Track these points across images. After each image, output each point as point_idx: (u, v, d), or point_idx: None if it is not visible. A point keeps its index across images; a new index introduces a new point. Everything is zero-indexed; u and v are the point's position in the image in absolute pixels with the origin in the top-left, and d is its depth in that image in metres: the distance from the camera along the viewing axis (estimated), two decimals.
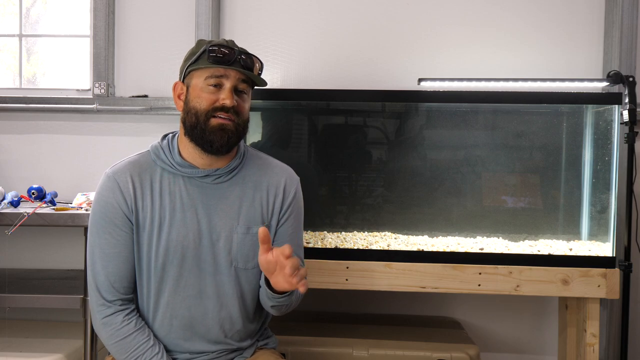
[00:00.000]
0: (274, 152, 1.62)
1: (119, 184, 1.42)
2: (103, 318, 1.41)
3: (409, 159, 2.29)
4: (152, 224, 1.42)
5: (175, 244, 1.42)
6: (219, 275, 1.46)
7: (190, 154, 1.45)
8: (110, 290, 1.42)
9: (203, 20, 2.44)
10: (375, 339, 2.13)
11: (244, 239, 1.46)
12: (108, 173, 1.45)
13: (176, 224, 1.42)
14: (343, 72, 2.47)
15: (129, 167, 1.45)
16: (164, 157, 1.46)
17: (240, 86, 1.43)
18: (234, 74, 1.41)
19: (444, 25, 2.46)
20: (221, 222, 1.45)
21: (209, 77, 1.41)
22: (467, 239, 2.17)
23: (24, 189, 2.27)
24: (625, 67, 2.30)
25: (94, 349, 2.07)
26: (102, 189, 1.44)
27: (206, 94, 1.41)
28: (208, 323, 1.46)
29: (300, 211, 1.57)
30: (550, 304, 2.47)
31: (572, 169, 2.19)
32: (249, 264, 1.48)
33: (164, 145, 1.48)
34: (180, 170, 1.45)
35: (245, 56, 1.43)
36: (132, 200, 1.42)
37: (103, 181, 1.45)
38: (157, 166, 1.46)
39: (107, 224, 1.42)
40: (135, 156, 1.49)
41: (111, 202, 1.41)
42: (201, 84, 1.41)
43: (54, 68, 2.67)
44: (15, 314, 2.48)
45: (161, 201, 1.43)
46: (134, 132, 2.53)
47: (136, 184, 1.43)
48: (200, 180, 1.45)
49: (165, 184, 1.44)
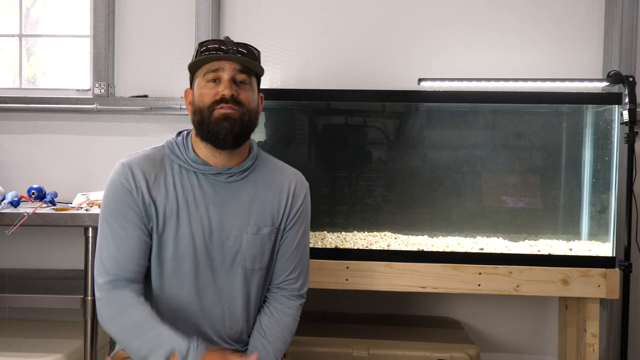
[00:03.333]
0: (273, 152, 1.62)
1: (133, 172, 1.42)
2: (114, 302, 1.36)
3: (409, 159, 2.29)
4: (164, 216, 1.42)
5: (186, 239, 1.42)
6: (226, 274, 1.46)
7: (203, 153, 1.46)
8: (116, 267, 1.37)
9: (203, 20, 2.44)
10: (375, 339, 2.13)
11: (253, 239, 1.46)
12: (123, 162, 1.45)
13: (188, 219, 1.42)
14: (343, 72, 2.47)
15: (144, 160, 1.45)
16: (179, 153, 1.46)
17: (239, 77, 1.43)
18: (228, 65, 1.41)
19: (444, 25, 2.46)
20: (232, 220, 1.45)
21: (206, 73, 1.42)
22: (467, 239, 2.17)
23: (24, 189, 2.27)
24: (625, 67, 2.30)
25: (94, 349, 2.07)
26: (115, 174, 1.43)
27: (207, 90, 1.42)
28: (212, 319, 1.46)
29: (307, 217, 1.58)
30: (550, 304, 2.47)
31: (572, 169, 2.19)
32: (256, 265, 1.48)
33: (179, 142, 1.48)
34: (194, 167, 1.45)
35: (241, 47, 1.44)
36: (145, 190, 1.41)
37: (117, 168, 1.44)
38: (172, 161, 1.46)
39: (120, 207, 1.40)
40: (150, 150, 1.49)
41: (125, 186, 1.41)
42: (201, 82, 1.43)
43: (54, 68, 2.67)
44: (15, 314, 2.48)
45: (175, 195, 1.43)
46: (134, 132, 2.53)
47: (150, 176, 1.43)
48: (213, 177, 1.46)
49: (179, 179, 1.44)
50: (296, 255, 1.53)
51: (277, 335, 1.49)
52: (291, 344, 2.04)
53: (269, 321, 1.50)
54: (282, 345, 1.49)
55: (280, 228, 1.51)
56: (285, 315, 1.52)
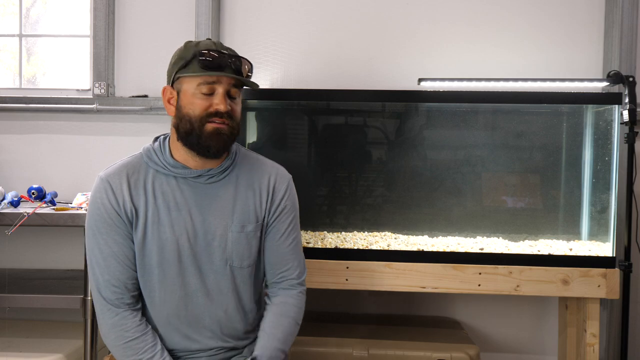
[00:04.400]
0: (273, 152, 1.62)
1: (112, 185, 1.43)
2: (111, 320, 1.42)
3: (409, 159, 2.29)
4: (145, 224, 1.43)
5: (170, 244, 1.43)
6: (214, 274, 1.47)
7: (182, 156, 1.46)
8: (112, 291, 1.42)
9: (203, 20, 2.44)
10: (375, 339, 2.13)
11: (238, 237, 1.47)
12: (101, 176, 1.46)
13: (171, 224, 1.43)
14: (343, 71, 2.47)
15: (122, 170, 1.46)
16: (156, 159, 1.47)
17: (232, 91, 1.43)
18: (225, 79, 1.41)
19: (444, 25, 2.46)
20: (215, 221, 1.46)
21: (201, 84, 1.40)
22: (467, 239, 2.17)
23: (24, 189, 2.27)
24: (625, 67, 2.29)
25: (94, 349, 2.07)
26: (95, 191, 1.45)
27: (199, 100, 1.40)
28: (205, 321, 1.47)
29: (294, 208, 1.57)
30: (550, 304, 2.47)
31: (572, 169, 2.19)
32: (244, 262, 1.49)
33: (156, 147, 1.49)
34: (173, 171, 1.46)
35: (235, 59, 1.43)
36: (125, 201, 1.42)
37: (96, 184, 1.46)
38: (150, 168, 1.47)
39: (103, 225, 1.42)
40: (128, 159, 1.50)
41: (105, 204, 1.42)
42: (193, 90, 1.41)
43: (54, 68, 2.67)
44: (15, 314, 2.48)
45: (155, 201, 1.44)
46: (134, 132, 2.53)
47: (130, 185, 1.44)
48: (193, 180, 1.46)
49: (158, 185, 1.45)
50: (287, 247, 1.54)
51: (275, 325, 1.50)
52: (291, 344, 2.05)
53: (267, 314, 1.52)
54: (282, 334, 1.49)
55: (265, 223, 1.52)
56: (284, 305, 1.52)
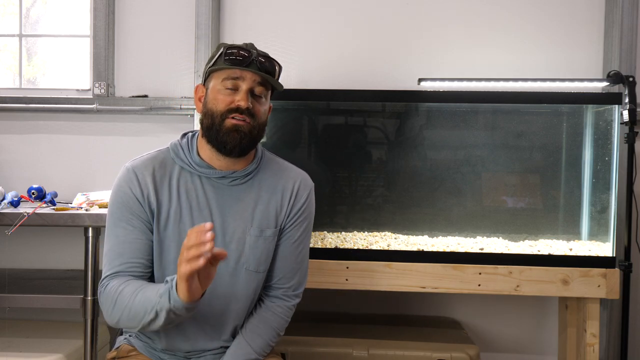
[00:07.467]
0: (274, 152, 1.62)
1: (137, 176, 1.42)
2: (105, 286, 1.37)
3: (409, 159, 2.29)
4: (167, 219, 1.43)
5: None
6: (229, 277, 1.46)
7: (208, 155, 1.45)
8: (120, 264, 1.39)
9: (203, 20, 2.44)
10: (375, 339, 2.13)
11: (256, 241, 1.46)
12: (127, 166, 1.45)
13: (192, 223, 1.42)
14: (343, 72, 2.47)
15: (149, 163, 1.45)
16: (183, 156, 1.46)
17: (257, 89, 1.42)
18: (250, 75, 1.41)
19: (444, 25, 2.46)
20: (234, 223, 1.45)
21: (226, 78, 1.41)
22: (467, 239, 2.17)
23: (24, 189, 2.27)
24: (625, 67, 2.29)
25: (94, 349, 2.07)
26: (120, 180, 1.44)
27: (222, 96, 1.40)
28: (214, 321, 1.47)
29: (310, 217, 1.57)
30: (550, 304, 2.47)
31: (572, 169, 2.19)
32: (260, 267, 1.48)
33: (183, 144, 1.48)
34: (198, 170, 1.45)
35: (264, 59, 1.43)
36: (150, 194, 1.42)
37: (122, 173, 1.45)
38: (176, 164, 1.46)
39: (124, 212, 1.41)
40: (155, 152, 1.49)
41: (128, 193, 1.41)
42: (218, 86, 1.42)
43: (54, 68, 2.67)
44: (15, 314, 2.48)
45: (179, 198, 1.43)
46: (134, 132, 2.53)
47: (155, 179, 1.43)
48: (217, 181, 1.46)
49: (183, 182, 1.45)
50: (293, 254, 1.53)
51: (258, 332, 1.49)
52: (291, 344, 2.05)
53: (253, 318, 1.51)
54: (262, 342, 1.48)
55: (282, 227, 1.51)
56: (272, 315, 1.52)
